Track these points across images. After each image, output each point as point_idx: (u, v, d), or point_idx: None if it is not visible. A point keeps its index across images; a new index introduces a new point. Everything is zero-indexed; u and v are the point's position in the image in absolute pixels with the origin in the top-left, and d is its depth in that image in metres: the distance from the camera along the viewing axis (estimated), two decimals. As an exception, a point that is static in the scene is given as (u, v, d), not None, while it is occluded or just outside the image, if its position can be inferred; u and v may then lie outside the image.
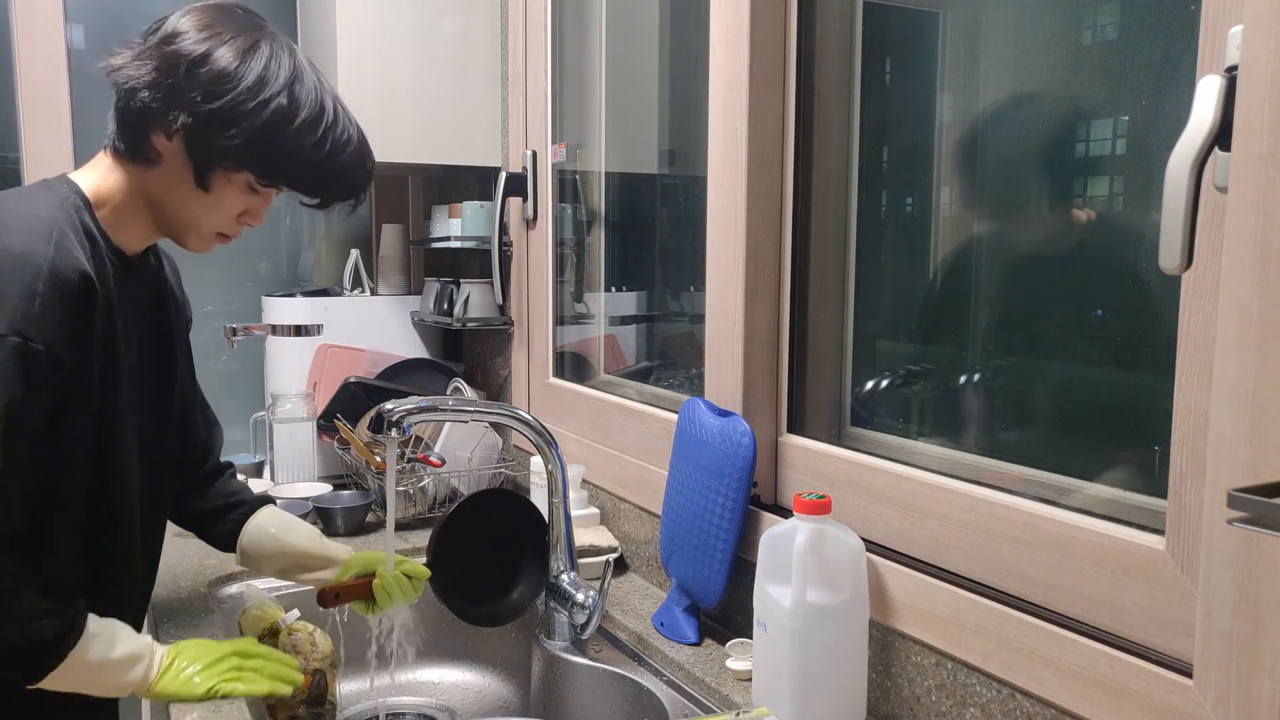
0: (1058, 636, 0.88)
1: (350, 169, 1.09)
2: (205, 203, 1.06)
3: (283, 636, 1.24)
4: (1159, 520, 0.83)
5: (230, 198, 1.07)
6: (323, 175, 1.08)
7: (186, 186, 1.04)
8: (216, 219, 1.08)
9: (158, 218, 1.09)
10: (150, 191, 1.06)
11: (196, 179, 1.04)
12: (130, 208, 1.07)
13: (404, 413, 1.24)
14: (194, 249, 1.12)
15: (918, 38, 1.22)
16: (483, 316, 2.02)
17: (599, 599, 1.30)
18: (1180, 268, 0.67)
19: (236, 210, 1.09)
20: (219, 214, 1.08)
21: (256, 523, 1.29)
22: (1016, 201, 1.09)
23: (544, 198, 1.89)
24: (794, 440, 1.27)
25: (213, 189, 1.05)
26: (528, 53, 1.90)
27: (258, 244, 2.42)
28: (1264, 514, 0.54)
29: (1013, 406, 1.09)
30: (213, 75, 0.99)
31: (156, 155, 1.03)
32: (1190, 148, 0.67)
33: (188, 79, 0.99)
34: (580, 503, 1.62)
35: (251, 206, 1.10)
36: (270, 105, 1.00)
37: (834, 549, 1.02)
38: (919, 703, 1.03)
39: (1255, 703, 0.71)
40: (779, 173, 1.27)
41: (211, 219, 1.08)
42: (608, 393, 1.72)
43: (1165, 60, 0.89)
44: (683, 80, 1.65)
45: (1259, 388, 0.69)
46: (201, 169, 1.03)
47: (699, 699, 1.18)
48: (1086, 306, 1.00)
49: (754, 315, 1.28)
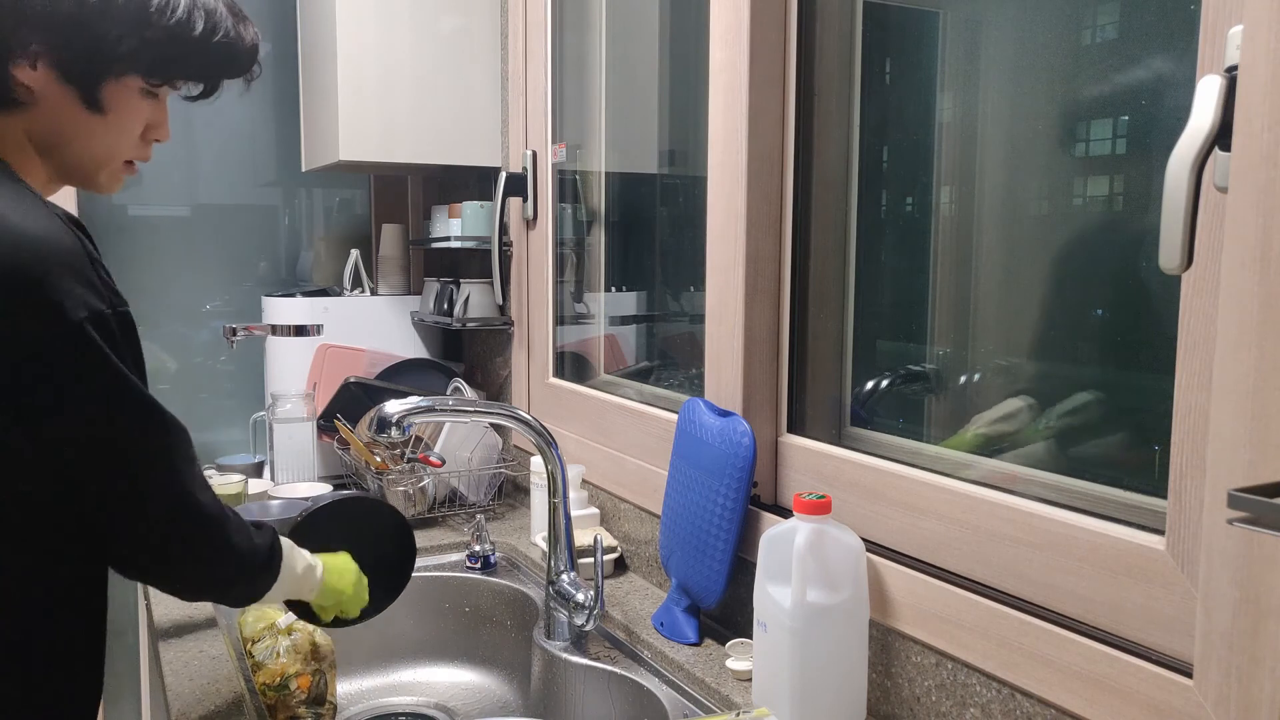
0: (1057, 636, 0.88)
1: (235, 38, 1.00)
2: (105, 126, 0.96)
3: (282, 636, 1.24)
4: (1159, 520, 0.83)
5: (129, 111, 0.97)
6: (210, 51, 0.98)
7: (76, 115, 0.94)
8: (123, 142, 0.98)
9: (55, 166, 0.97)
10: (41, 139, 0.94)
11: (85, 101, 0.93)
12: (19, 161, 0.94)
13: (404, 413, 1.24)
14: (106, 188, 1.01)
15: (918, 38, 1.22)
16: (483, 316, 2.02)
17: (597, 585, 1.30)
18: (1180, 268, 0.67)
19: (138, 126, 0.99)
20: (125, 135, 0.98)
21: None
22: (1016, 201, 1.08)
23: (544, 198, 1.89)
24: (794, 440, 1.27)
25: (107, 107, 0.95)
26: (528, 53, 1.90)
27: (258, 244, 2.42)
28: (1264, 514, 0.54)
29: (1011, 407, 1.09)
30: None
31: (26, 93, 0.92)
32: (1190, 148, 0.67)
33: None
34: (580, 503, 1.62)
35: (153, 117, 1.00)
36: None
37: (834, 549, 1.02)
38: (919, 703, 1.03)
39: (1255, 703, 0.71)
40: (779, 173, 1.27)
41: (118, 143, 0.98)
42: (608, 393, 1.72)
43: (1165, 60, 0.89)
44: (683, 80, 1.65)
45: (1259, 388, 0.69)
46: (87, 88, 0.93)
47: (699, 699, 1.18)
48: (1087, 306, 1.00)
49: (754, 315, 1.28)
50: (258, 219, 2.42)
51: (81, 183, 1.00)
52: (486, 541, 1.65)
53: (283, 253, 2.46)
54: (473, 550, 1.64)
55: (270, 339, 2.10)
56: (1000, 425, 1.08)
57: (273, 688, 1.24)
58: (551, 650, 1.35)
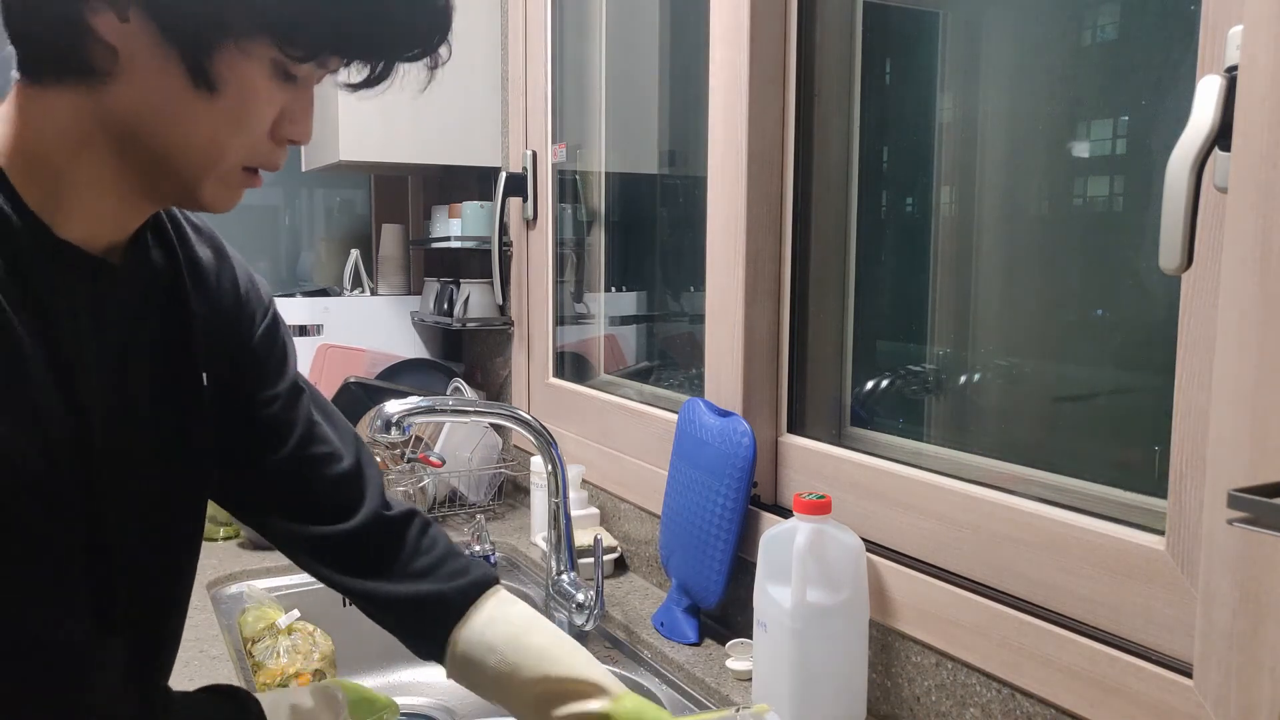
0: (1057, 636, 0.88)
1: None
2: (222, 113, 0.64)
3: (283, 636, 1.25)
4: (1159, 520, 0.83)
5: (253, 93, 0.65)
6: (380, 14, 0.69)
7: (179, 93, 0.62)
8: (243, 137, 0.66)
9: (140, 170, 0.66)
10: (120, 123, 0.63)
11: (192, 74, 0.62)
12: (78, 167, 0.64)
13: (404, 413, 1.24)
14: (214, 205, 0.69)
15: (918, 38, 1.22)
16: (483, 316, 2.02)
17: (597, 585, 1.30)
18: (1180, 268, 0.67)
19: (267, 117, 0.67)
20: (245, 128, 0.66)
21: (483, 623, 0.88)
22: (1016, 201, 1.09)
23: (544, 198, 1.89)
24: (794, 440, 1.27)
25: (221, 83, 0.63)
26: (528, 53, 1.90)
27: (258, 244, 2.42)
28: (1264, 514, 0.54)
29: (1012, 406, 1.09)
30: None
31: (108, 56, 0.61)
32: (1190, 148, 0.67)
33: None
34: (580, 503, 1.62)
35: (291, 106, 0.68)
36: None
37: (834, 549, 1.02)
38: (919, 703, 1.03)
39: (1255, 703, 0.71)
40: (779, 173, 1.27)
41: (235, 139, 0.65)
42: (608, 393, 1.72)
43: (1165, 60, 0.89)
44: (683, 80, 1.65)
45: (1259, 388, 0.69)
46: (195, 54, 0.62)
47: (699, 699, 1.18)
48: (1087, 306, 1.00)
49: (754, 315, 1.28)
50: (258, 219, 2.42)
51: (178, 195, 0.69)
52: (486, 541, 1.64)
53: (283, 253, 2.46)
54: (473, 550, 1.64)
55: (270, 339, 2.09)
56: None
57: (273, 688, 1.24)
58: (551, 650, 1.35)
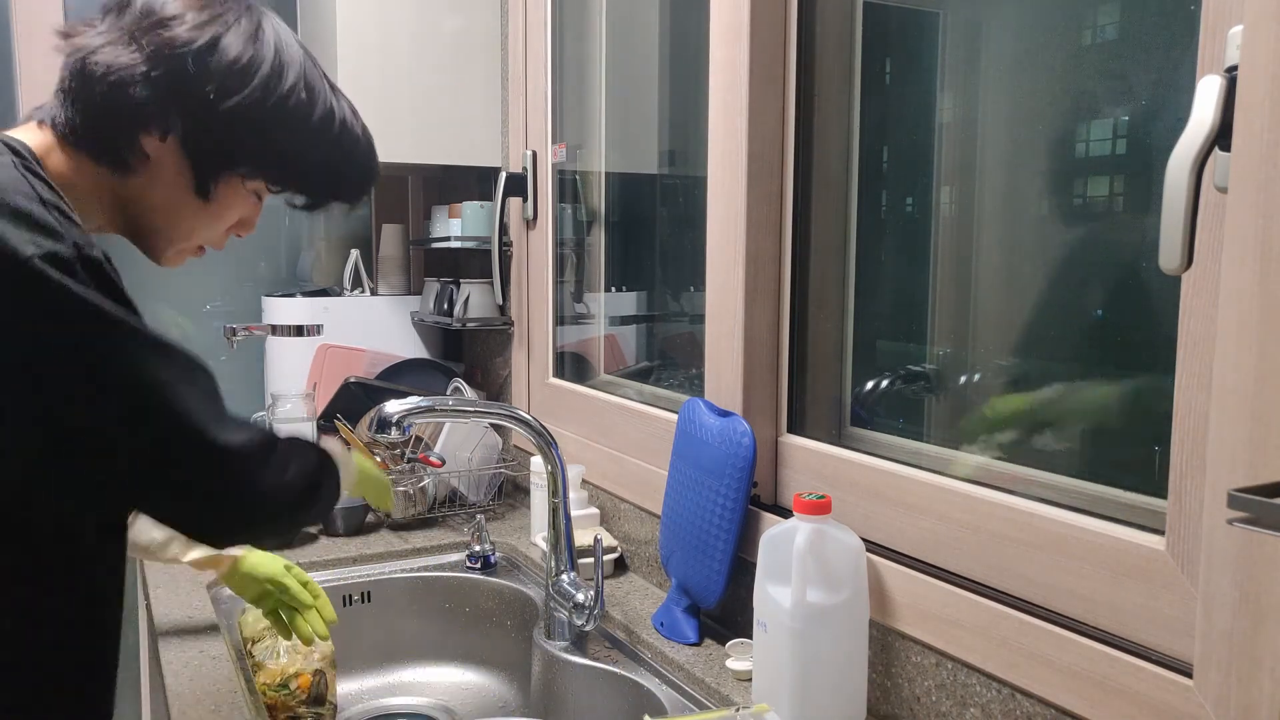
0: (1057, 636, 0.88)
1: (366, 163, 0.97)
2: (205, 214, 0.90)
3: (283, 637, 1.24)
4: (1159, 520, 0.83)
5: (234, 207, 0.92)
6: (339, 172, 0.95)
7: (181, 195, 0.88)
8: (213, 232, 0.93)
9: (122, 227, 0.90)
10: (126, 197, 0.88)
11: (197, 187, 0.88)
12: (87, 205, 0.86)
13: (404, 413, 1.24)
14: (165, 262, 0.95)
15: (918, 38, 1.22)
16: (483, 316, 2.02)
17: (597, 585, 1.30)
18: (1180, 268, 0.67)
19: (233, 220, 0.94)
20: (216, 224, 0.92)
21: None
22: (1016, 202, 1.08)
23: (544, 198, 1.89)
24: (794, 440, 1.27)
25: (215, 198, 0.89)
26: (527, 53, 1.90)
27: (258, 244, 2.42)
28: (1264, 514, 0.54)
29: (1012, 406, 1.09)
30: (223, 67, 0.84)
31: (142, 161, 0.86)
32: (1190, 148, 0.67)
33: (195, 72, 0.83)
34: (580, 503, 1.62)
35: (247, 215, 0.95)
36: (290, 99, 0.87)
37: (834, 549, 1.02)
38: (919, 703, 1.03)
39: (1255, 703, 0.71)
40: (779, 173, 1.27)
41: (204, 230, 0.92)
42: (608, 393, 1.72)
43: (1165, 60, 0.89)
44: (683, 80, 1.65)
45: (1259, 388, 0.69)
46: (205, 175, 0.88)
47: (699, 699, 1.18)
48: (1087, 307, 1.00)
49: (754, 315, 1.28)
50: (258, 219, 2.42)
51: (144, 247, 0.93)
52: (486, 541, 1.65)
53: (283, 252, 2.46)
54: (473, 550, 1.64)
55: (270, 339, 2.10)
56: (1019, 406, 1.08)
57: (273, 688, 1.24)
58: (551, 650, 1.35)
